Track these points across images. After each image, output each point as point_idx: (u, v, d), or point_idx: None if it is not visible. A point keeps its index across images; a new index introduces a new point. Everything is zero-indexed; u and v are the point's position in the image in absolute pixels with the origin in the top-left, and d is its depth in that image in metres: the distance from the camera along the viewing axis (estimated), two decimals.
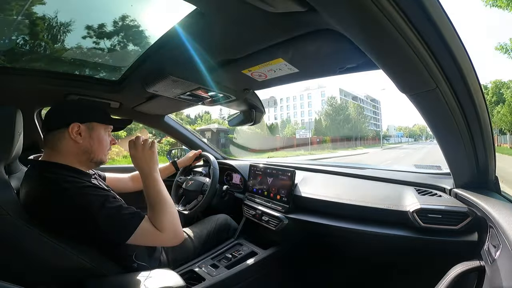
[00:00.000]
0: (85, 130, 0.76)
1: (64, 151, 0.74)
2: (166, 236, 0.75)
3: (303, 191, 1.15)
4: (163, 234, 0.74)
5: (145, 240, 0.73)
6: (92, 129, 0.78)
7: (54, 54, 0.94)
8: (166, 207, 0.77)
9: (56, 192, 0.66)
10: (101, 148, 0.81)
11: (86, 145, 0.77)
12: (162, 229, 0.74)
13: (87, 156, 0.78)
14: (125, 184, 1.16)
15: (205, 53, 0.77)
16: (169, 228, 0.75)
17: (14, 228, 0.61)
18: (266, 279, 1.13)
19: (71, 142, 0.74)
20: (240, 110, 1.34)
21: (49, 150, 0.75)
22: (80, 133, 0.75)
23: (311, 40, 0.63)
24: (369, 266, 1.14)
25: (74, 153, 0.76)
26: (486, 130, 0.64)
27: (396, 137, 72.29)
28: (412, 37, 0.45)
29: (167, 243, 0.80)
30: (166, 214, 0.76)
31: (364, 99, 58.23)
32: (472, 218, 0.74)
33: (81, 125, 0.75)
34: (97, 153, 0.80)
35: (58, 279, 0.67)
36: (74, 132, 0.74)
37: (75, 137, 0.74)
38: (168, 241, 0.78)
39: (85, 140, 0.76)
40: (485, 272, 0.59)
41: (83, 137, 0.76)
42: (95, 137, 0.79)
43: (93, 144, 0.78)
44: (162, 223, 0.74)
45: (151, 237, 0.73)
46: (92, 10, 0.76)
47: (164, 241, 0.77)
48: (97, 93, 1.12)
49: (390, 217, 0.89)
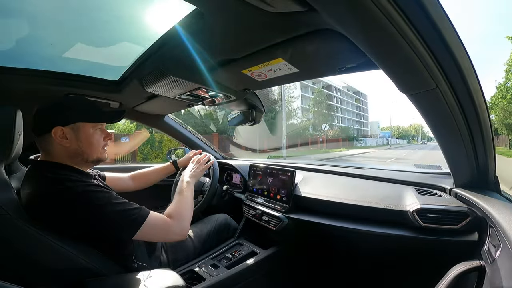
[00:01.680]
0: (70, 132, 0.72)
1: (56, 154, 0.73)
2: (174, 223, 0.77)
3: (303, 191, 1.15)
4: (172, 221, 0.77)
5: (153, 232, 0.74)
6: (79, 130, 0.73)
7: (54, 54, 0.94)
8: (187, 198, 0.90)
9: (60, 191, 0.66)
10: (92, 148, 0.76)
11: (75, 147, 0.73)
12: (174, 215, 0.80)
13: (81, 158, 0.75)
14: (125, 183, 1.16)
15: (205, 53, 0.77)
16: (180, 215, 0.81)
17: (14, 228, 0.61)
18: (266, 279, 1.13)
19: (59, 145, 0.72)
20: (240, 110, 1.34)
21: (44, 153, 0.74)
22: (66, 136, 0.71)
23: (311, 40, 0.63)
24: (369, 266, 1.14)
25: (66, 156, 0.73)
26: (486, 130, 0.64)
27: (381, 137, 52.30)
28: (412, 37, 0.45)
29: (173, 234, 0.78)
30: (185, 203, 0.87)
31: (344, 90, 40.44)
32: (472, 218, 0.74)
33: (64, 128, 0.71)
34: (89, 153, 0.76)
35: (58, 279, 0.66)
36: (59, 136, 0.70)
37: (61, 141, 0.71)
38: (175, 230, 0.78)
39: (72, 142, 0.72)
40: (485, 272, 0.59)
41: (70, 139, 0.72)
42: (83, 138, 0.74)
43: (81, 145, 0.74)
44: (177, 209, 0.82)
45: (159, 228, 0.75)
46: (92, 10, 0.76)
47: (171, 230, 0.77)
48: (97, 93, 1.12)
49: (390, 217, 0.89)
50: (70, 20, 0.79)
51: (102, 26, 0.82)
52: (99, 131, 0.79)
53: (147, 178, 1.23)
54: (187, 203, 0.88)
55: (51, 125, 0.70)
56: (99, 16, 0.78)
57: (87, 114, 0.76)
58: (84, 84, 1.06)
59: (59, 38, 0.86)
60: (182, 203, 0.87)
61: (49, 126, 0.70)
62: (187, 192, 0.92)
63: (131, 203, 0.73)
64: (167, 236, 0.78)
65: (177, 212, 0.81)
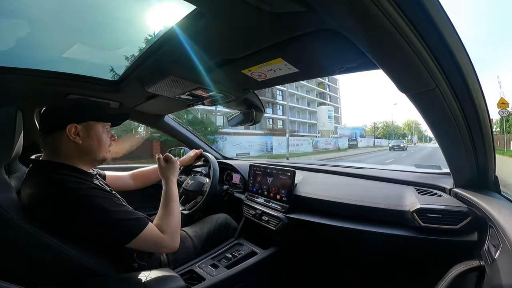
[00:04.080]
0: (83, 130, 0.75)
1: (65, 153, 0.74)
2: (167, 239, 0.77)
3: (303, 191, 1.14)
4: (165, 237, 0.76)
5: (146, 245, 0.74)
6: (90, 128, 0.77)
7: (54, 54, 0.94)
8: (175, 208, 0.87)
9: (60, 192, 0.66)
10: (102, 146, 0.80)
11: (86, 145, 0.76)
12: (166, 229, 0.77)
13: (89, 156, 0.78)
14: (125, 182, 1.16)
15: (205, 53, 0.77)
16: (172, 230, 0.79)
17: (14, 228, 0.61)
18: (266, 279, 1.13)
19: (71, 143, 0.74)
20: (240, 110, 1.34)
21: (50, 151, 0.75)
22: (79, 134, 0.75)
23: (311, 40, 0.63)
24: (368, 265, 1.14)
25: (75, 154, 0.75)
26: (486, 130, 0.64)
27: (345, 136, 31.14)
28: (412, 37, 0.45)
29: (165, 249, 0.81)
30: (173, 214, 0.84)
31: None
32: (472, 218, 0.74)
33: (78, 125, 0.74)
34: (99, 151, 0.79)
35: (58, 279, 0.66)
36: (72, 133, 0.73)
37: (74, 138, 0.73)
38: (168, 245, 0.78)
39: (84, 140, 0.76)
40: (485, 271, 0.59)
41: (82, 137, 0.75)
42: (94, 136, 0.78)
43: (93, 143, 0.77)
44: (168, 223, 0.80)
45: (152, 243, 0.74)
46: (92, 10, 0.76)
47: (165, 245, 0.77)
48: (97, 93, 1.12)
49: (390, 217, 0.89)
50: (70, 20, 0.79)
51: (102, 26, 0.82)
52: (106, 132, 0.82)
53: (147, 178, 1.23)
54: (176, 214, 0.86)
55: (66, 122, 0.73)
56: (99, 16, 0.78)
57: (99, 114, 0.80)
58: (84, 84, 1.06)
59: (59, 38, 0.86)
60: (173, 215, 0.84)
61: (63, 124, 0.73)
62: (174, 192, 0.92)
63: (131, 212, 0.73)
64: (159, 250, 0.80)
65: (170, 228, 0.79)
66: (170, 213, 0.83)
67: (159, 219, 0.81)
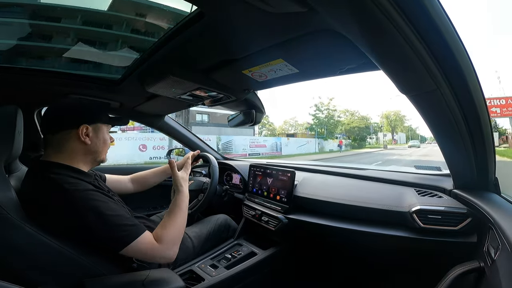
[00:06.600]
0: (92, 131, 0.77)
1: (69, 152, 0.74)
2: (163, 249, 0.72)
3: (303, 191, 1.14)
4: (161, 247, 0.72)
5: (139, 254, 0.71)
6: (99, 130, 0.79)
7: (54, 54, 0.94)
8: (178, 218, 0.80)
9: (57, 193, 0.66)
10: (105, 148, 0.83)
11: (93, 146, 0.78)
12: (164, 239, 0.73)
13: (92, 156, 0.79)
14: (124, 185, 1.16)
15: (205, 53, 0.77)
16: (170, 241, 0.74)
17: (14, 228, 0.61)
18: (266, 279, 1.12)
19: (78, 143, 0.75)
20: (240, 110, 1.34)
21: (52, 150, 0.74)
22: (88, 134, 0.76)
23: (312, 41, 0.63)
24: (368, 266, 1.14)
25: (80, 154, 0.76)
26: (486, 131, 0.64)
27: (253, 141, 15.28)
28: (413, 38, 0.45)
29: (160, 259, 0.75)
30: (176, 225, 0.78)
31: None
32: (472, 219, 0.75)
33: (89, 126, 0.76)
34: (102, 153, 0.82)
35: (58, 279, 0.66)
36: (84, 134, 0.75)
37: (84, 138, 0.75)
38: (163, 255, 0.73)
39: (92, 141, 0.77)
40: (485, 273, 0.59)
41: (91, 138, 0.77)
42: (101, 137, 0.80)
43: (99, 144, 0.79)
44: (168, 233, 0.75)
45: (144, 253, 0.71)
46: (92, 10, 0.77)
47: (159, 256, 0.73)
48: (97, 93, 1.12)
49: (389, 218, 0.89)
50: (70, 20, 0.79)
51: (102, 26, 0.82)
52: (108, 133, 0.84)
53: (146, 182, 1.19)
54: (179, 224, 0.80)
55: (80, 122, 0.74)
56: (99, 16, 0.78)
57: (106, 116, 0.83)
58: (84, 84, 1.06)
59: (59, 38, 0.86)
60: (175, 225, 0.78)
61: (76, 123, 0.74)
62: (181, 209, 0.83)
63: (127, 218, 0.71)
64: (153, 259, 0.75)
65: (168, 238, 0.74)
66: (172, 224, 0.78)
67: (161, 227, 0.77)
